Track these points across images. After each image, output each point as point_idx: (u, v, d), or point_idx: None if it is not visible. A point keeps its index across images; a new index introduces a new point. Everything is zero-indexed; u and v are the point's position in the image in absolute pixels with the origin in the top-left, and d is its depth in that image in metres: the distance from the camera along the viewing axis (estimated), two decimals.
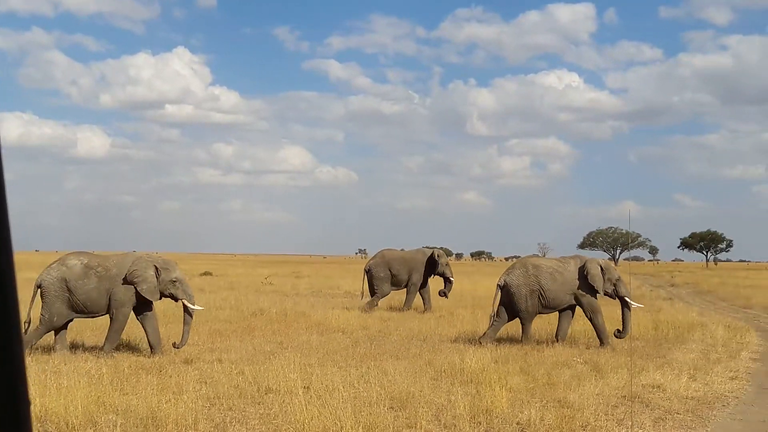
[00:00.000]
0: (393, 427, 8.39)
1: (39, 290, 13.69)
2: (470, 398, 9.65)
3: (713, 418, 9.57)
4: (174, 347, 13.61)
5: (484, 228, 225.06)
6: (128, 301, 13.75)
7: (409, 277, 23.89)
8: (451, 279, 24.59)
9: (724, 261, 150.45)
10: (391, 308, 23.74)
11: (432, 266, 24.11)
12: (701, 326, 18.41)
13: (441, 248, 24.91)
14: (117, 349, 13.92)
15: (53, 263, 14.00)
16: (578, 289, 15.72)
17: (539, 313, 16.14)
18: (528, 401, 9.82)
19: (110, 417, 8.76)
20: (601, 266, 15.97)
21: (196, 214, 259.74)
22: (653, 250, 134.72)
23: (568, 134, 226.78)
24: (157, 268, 13.98)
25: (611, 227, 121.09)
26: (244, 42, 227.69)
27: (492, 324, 15.98)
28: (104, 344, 13.80)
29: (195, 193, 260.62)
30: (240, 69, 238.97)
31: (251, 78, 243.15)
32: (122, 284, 13.67)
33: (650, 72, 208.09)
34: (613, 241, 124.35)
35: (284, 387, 10.31)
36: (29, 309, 13.54)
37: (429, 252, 24.32)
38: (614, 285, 15.98)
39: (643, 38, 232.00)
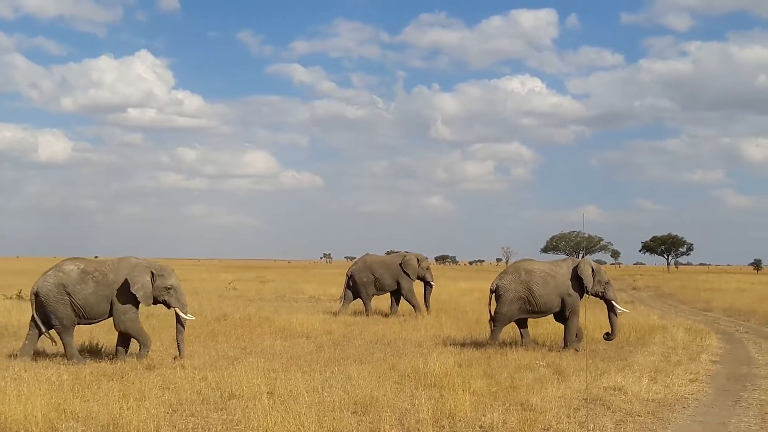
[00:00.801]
0: None
1: (36, 299, 13.61)
2: (434, 402, 9.67)
3: (673, 420, 9.69)
4: (175, 360, 13.49)
5: (449, 232, 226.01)
6: (131, 308, 13.74)
7: (396, 282, 23.92)
8: (432, 283, 24.68)
9: (684, 264, 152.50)
10: (355, 313, 23.70)
11: (407, 271, 24.09)
12: (662, 329, 18.61)
13: (410, 252, 24.86)
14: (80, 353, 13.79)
15: (48, 270, 13.89)
16: (569, 290, 15.86)
17: (529, 317, 16.22)
18: (491, 405, 9.86)
19: (71, 424, 8.69)
20: (592, 268, 16.15)
21: (159, 219, 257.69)
22: (615, 254, 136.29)
23: (531, 139, 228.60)
24: (153, 274, 13.92)
25: (574, 231, 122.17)
26: (208, 46, 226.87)
27: (492, 329, 16.11)
28: (139, 352, 13.79)
29: (158, 197, 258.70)
30: (203, 73, 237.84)
31: (215, 82, 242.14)
32: (120, 290, 13.64)
33: (612, 77, 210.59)
34: (576, 245, 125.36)
35: (248, 392, 10.27)
36: (34, 321, 13.61)
37: (409, 256, 24.34)
38: (603, 287, 16.19)
39: (605, 44, 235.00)
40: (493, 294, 16.14)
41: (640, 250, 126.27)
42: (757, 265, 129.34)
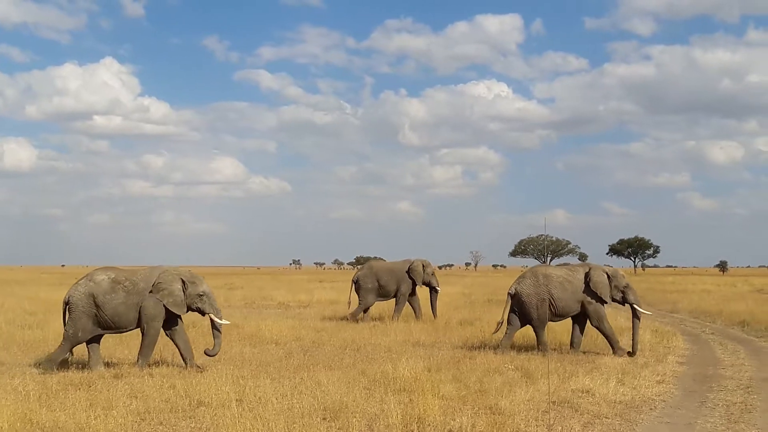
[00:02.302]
0: None
1: (67, 306, 13.58)
2: (403, 407, 9.69)
3: (641, 421, 9.78)
4: (206, 354, 13.68)
5: (417, 237, 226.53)
6: (159, 315, 13.69)
7: (397, 287, 24.02)
8: (438, 288, 24.76)
9: (651, 267, 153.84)
10: (324, 318, 23.69)
11: (413, 277, 24.20)
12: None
13: (416, 259, 24.91)
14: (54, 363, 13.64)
15: (81, 279, 13.89)
16: (587, 296, 15.94)
17: (550, 321, 16.32)
18: (460, 408, 9.90)
19: None
20: (607, 274, 16.18)
21: (126, 227, 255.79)
22: (583, 257, 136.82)
23: (498, 143, 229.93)
24: (184, 282, 13.89)
25: (541, 235, 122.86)
26: (174, 52, 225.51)
27: (506, 332, 16.18)
28: (138, 359, 13.73)
29: (125, 205, 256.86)
30: (169, 79, 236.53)
31: (181, 88, 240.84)
32: (150, 298, 13.62)
33: (576, 82, 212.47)
34: (544, 249, 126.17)
35: (216, 400, 10.23)
36: (64, 326, 13.57)
37: (416, 262, 24.40)
38: (622, 292, 16.21)
39: (570, 49, 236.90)
40: (512, 298, 16.22)
41: (607, 253, 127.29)
42: (722, 267, 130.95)
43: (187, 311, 14.08)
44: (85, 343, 13.75)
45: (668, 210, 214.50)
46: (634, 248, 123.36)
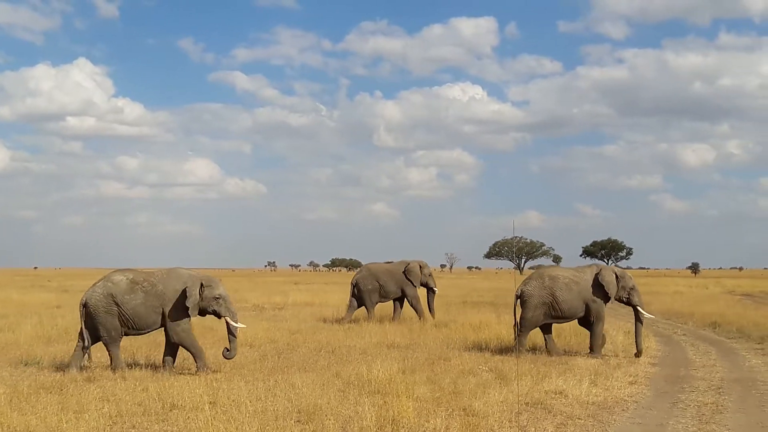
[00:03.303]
0: None
1: (85, 309, 13.53)
2: (377, 409, 9.69)
3: (613, 422, 9.84)
4: (224, 356, 13.65)
5: (393, 239, 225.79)
6: (183, 318, 13.64)
7: (400, 289, 24.14)
8: (435, 289, 24.90)
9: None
10: (299, 321, 23.63)
11: (410, 278, 24.28)
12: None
13: (413, 260, 24.98)
14: (17, 366, 13.52)
15: (98, 281, 13.84)
16: (592, 296, 16.02)
17: (553, 322, 16.41)
18: (434, 410, 9.91)
19: None
20: (616, 274, 16.30)
21: (101, 228, 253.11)
22: (557, 259, 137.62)
23: (473, 146, 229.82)
24: (201, 285, 13.81)
25: (516, 237, 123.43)
26: (148, 53, 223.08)
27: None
28: (196, 364, 13.66)
29: (99, 206, 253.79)
30: (144, 80, 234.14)
31: (156, 89, 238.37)
32: (171, 301, 13.59)
33: (550, 84, 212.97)
34: (518, 250, 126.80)
35: (190, 403, 10.18)
36: (80, 329, 13.52)
37: (413, 264, 24.45)
38: (628, 293, 16.32)
39: (544, 52, 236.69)
40: (518, 299, 16.31)
41: (580, 255, 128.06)
42: (694, 268, 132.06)
43: (204, 314, 14.03)
44: (80, 345, 13.63)
45: (641, 212, 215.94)
46: (607, 250, 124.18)
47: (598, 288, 16.04)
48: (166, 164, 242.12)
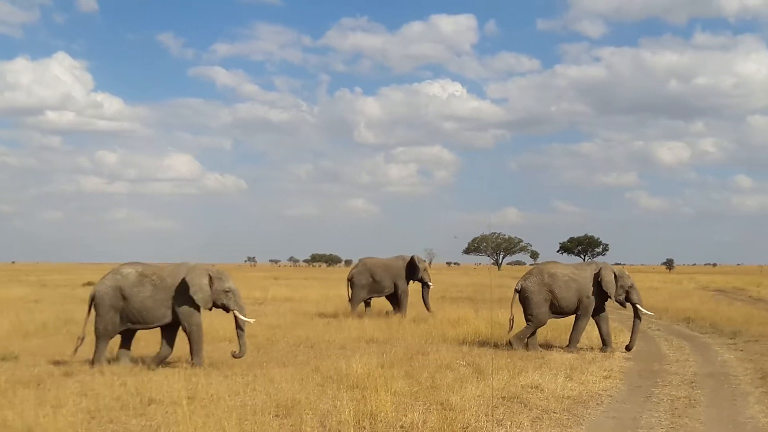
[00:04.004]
0: None
1: (93, 302, 13.50)
2: (355, 403, 9.74)
3: (588, 416, 9.97)
4: (233, 356, 13.58)
5: (373, 234, 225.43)
6: (195, 312, 13.65)
7: (394, 284, 24.16)
8: (430, 284, 24.99)
9: None
10: (279, 316, 23.65)
11: (412, 272, 24.41)
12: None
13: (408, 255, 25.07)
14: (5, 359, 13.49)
15: (107, 274, 13.78)
16: (590, 293, 16.21)
17: (552, 318, 16.54)
18: (412, 405, 10.00)
19: None
20: (615, 273, 16.43)
21: (80, 223, 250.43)
22: (534, 255, 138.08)
23: (453, 142, 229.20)
24: (210, 278, 13.78)
25: (494, 233, 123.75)
26: (128, 48, 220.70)
27: (512, 328, 16.32)
28: (192, 359, 13.66)
29: (78, 201, 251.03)
30: (123, 75, 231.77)
31: (135, 84, 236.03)
32: (181, 294, 13.56)
33: (529, 82, 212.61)
34: (497, 246, 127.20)
35: (168, 397, 10.20)
36: (85, 323, 13.47)
37: (408, 258, 24.54)
38: (627, 292, 16.47)
39: (522, 49, 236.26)
40: (518, 294, 16.45)
41: (557, 251, 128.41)
42: (669, 264, 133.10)
43: (212, 308, 14.00)
44: (81, 338, 13.59)
45: (617, 209, 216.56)
46: (583, 246, 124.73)
47: (597, 287, 16.21)
48: (145, 159, 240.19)
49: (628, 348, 16.12)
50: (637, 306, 16.56)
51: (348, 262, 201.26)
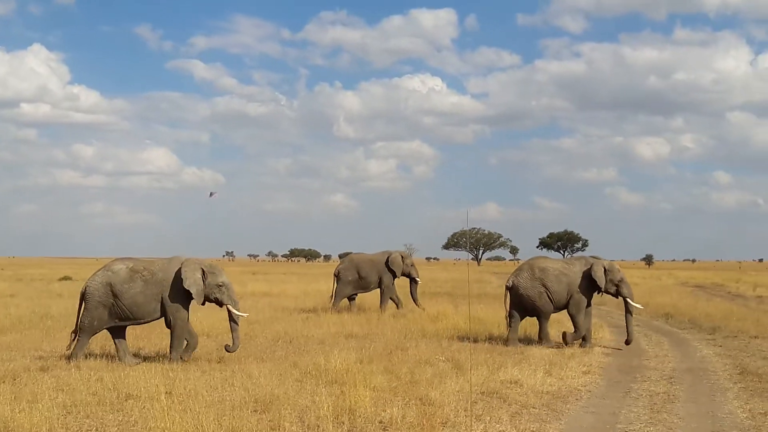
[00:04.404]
0: (256, 431, 8.39)
1: (83, 297, 13.42)
2: (334, 398, 9.72)
3: (567, 411, 9.99)
4: (226, 350, 13.63)
5: (352, 229, 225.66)
6: (181, 307, 13.59)
7: (379, 279, 24.18)
8: (417, 279, 24.98)
9: None
10: (257, 311, 23.56)
11: (392, 268, 24.38)
12: (557, 322, 19.02)
13: (395, 250, 25.03)
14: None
15: (99, 270, 13.70)
16: (578, 288, 16.26)
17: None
18: (391, 400, 9.97)
19: None
20: (605, 267, 16.44)
21: (56, 217, 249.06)
22: (514, 250, 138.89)
23: (433, 137, 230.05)
24: (203, 272, 13.72)
25: (474, 228, 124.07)
26: (104, 40, 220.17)
27: (510, 326, 16.38)
28: (170, 352, 13.58)
29: (54, 195, 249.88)
30: (100, 68, 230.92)
31: (112, 77, 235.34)
32: (171, 289, 13.49)
33: (509, 77, 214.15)
34: (476, 242, 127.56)
35: (145, 393, 10.12)
36: (78, 319, 13.42)
37: (395, 254, 24.53)
38: (616, 285, 16.50)
39: (503, 45, 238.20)
40: (509, 290, 16.50)
41: (537, 246, 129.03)
42: (648, 260, 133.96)
43: (204, 302, 13.95)
44: (111, 338, 13.68)
45: (597, 204, 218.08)
46: (563, 242, 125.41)
47: (588, 280, 16.26)
48: (122, 153, 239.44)
49: (627, 342, 16.11)
50: (628, 300, 16.58)
51: (327, 257, 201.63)
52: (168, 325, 13.69)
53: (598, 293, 16.54)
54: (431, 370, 12.44)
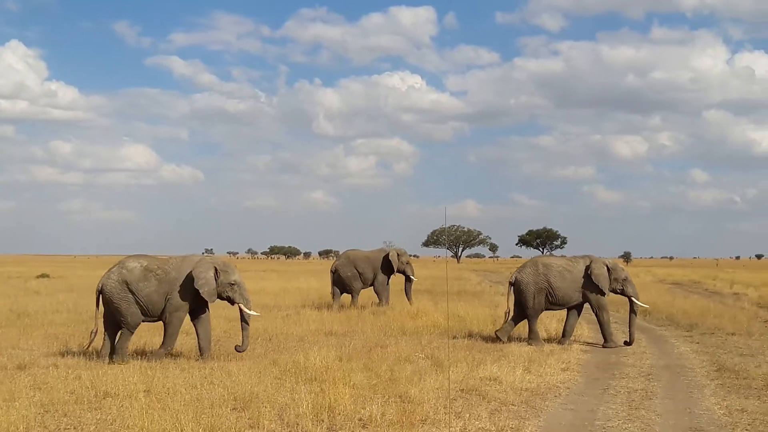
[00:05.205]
0: (235, 428, 8.37)
1: (101, 296, 13.38)
2: (314, 396, 9.72)
3: (546, 408, 10.02)
4: (237, 350, 13.65)
5: (332, 227, 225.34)
6: (183, 306, 13.58)
7: (374, 275, 24.27)
8: (412, 277, 25.10)
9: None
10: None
11: (388, 265, 24.45)
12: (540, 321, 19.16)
13: (390, 248, 25.06)
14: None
15: (113, 267, 13.65)
16: (585, 287, 16.23)
17: (548, 309, 16.62)
18: (370, 397, 9.98)
19: None
20: (607, 266, 16.47)
21: (33, 214, 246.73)
22: (493, 248, 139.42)
23: (412, 135, 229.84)
24: (216, 270, 13.72)
25: (453, 225, 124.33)
26: (83, 36, 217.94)
27: (507, 320, 16.38)
28: (160, 347, 13.61)
29: (31, 192, 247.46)
30: (79, 64, 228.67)
31: (91, 74, 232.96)
32: (182, 288, 13.49)
33: (488, 75, 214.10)
34: (456, 239, 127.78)
35: (123, 391, 10.08)
36: (95, 317, 13.42)
37: (391, 251, 24.60)
38: (621, 284, 16.54)
39: (481, 42, 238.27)
40: (512, 286, 16.48)
41: (516, 244, 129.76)
42: (626, 257, 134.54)
43: (213, 300, 13.93)
44: (104, 332, 13.61)
45: (575, 202, 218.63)
46: (542, 239, 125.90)
47: (590, 280, 16.28)
48: (101, 149, 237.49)
49: (628, 343, 16.13)
50: (633, 299, 16.63)
51: (307, 255, 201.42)
52: (163, 321, 13.69)
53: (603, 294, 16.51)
54: (411, 367, 12.45)
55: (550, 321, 19.01)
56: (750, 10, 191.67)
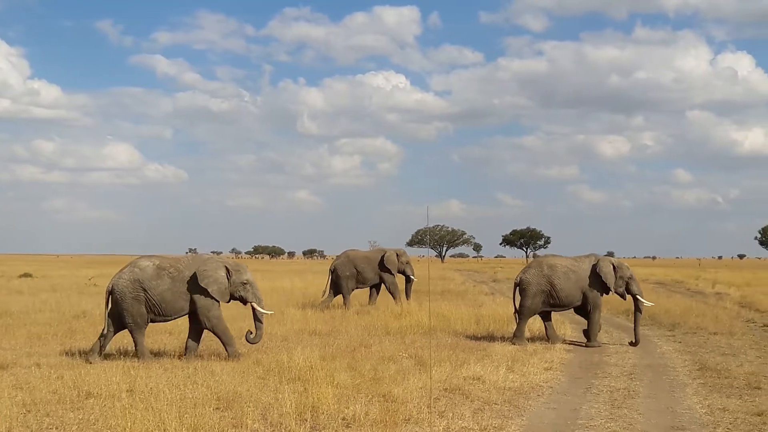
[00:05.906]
0: (218, 428, 8.36)
1: (111, 296, 13.30)
2: (297, 396, 9.72)
3: (529, 407, 10.06)
4: (247, 339, 13.77)
5: (316, 226, 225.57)
6: (213, 303, 13.56)
7: (377, 276, 24.41)
8: (412, 277, 25.25)
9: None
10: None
11: (383, 265, 24.48)
12: (535, 320, 19.21)
13: (390, 248, 25.12)
14: None
15: (124, 267, 13.58)
16: (589, 286, 16.25)
17: (551, 310, 16.60)
18: (354, 397, 9.99)
19: None
20: (613, 265, 16.46)
21: (16, 213, 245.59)
22: (477, 247, 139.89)
23: (396, 134, 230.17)
24: (228, 270, 13.70)
25: (438, 225, 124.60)
26: (65, 35, 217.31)
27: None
28: (227, 351, 13.60)
29: (14, 191, 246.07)
30: (61, 62, 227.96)
31: (74, 72, 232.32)
32: (199, 287, 13.43)
33: (472, 75, 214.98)
34: (440, 239, 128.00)
35: (106, 391, 10.04)
36: (105, 316, 13.31)
37: (390, 252, 24.68)
38: (626, 283, 16.52)
39: (465, 42, 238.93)
40: (517, 287, 16.47)
41: (500, 243, 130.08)
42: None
43: (230, 300, 13.94)
44: (110, 333, 13.53)
45: (559, 201, 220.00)
46: (526, 239, 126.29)
47: (597, 278, 16.30)
48: (84, 148, 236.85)
49: (634, 344, 16.12)
50: (638, 297, 16.67)
51: (291, 254, 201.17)
52: (205, 326, 13.69)
53: (607, 293, 16.55)
54: (394, 366, 12.46)
55: (534, 319, 19.05)
56: (733, 10, 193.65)
